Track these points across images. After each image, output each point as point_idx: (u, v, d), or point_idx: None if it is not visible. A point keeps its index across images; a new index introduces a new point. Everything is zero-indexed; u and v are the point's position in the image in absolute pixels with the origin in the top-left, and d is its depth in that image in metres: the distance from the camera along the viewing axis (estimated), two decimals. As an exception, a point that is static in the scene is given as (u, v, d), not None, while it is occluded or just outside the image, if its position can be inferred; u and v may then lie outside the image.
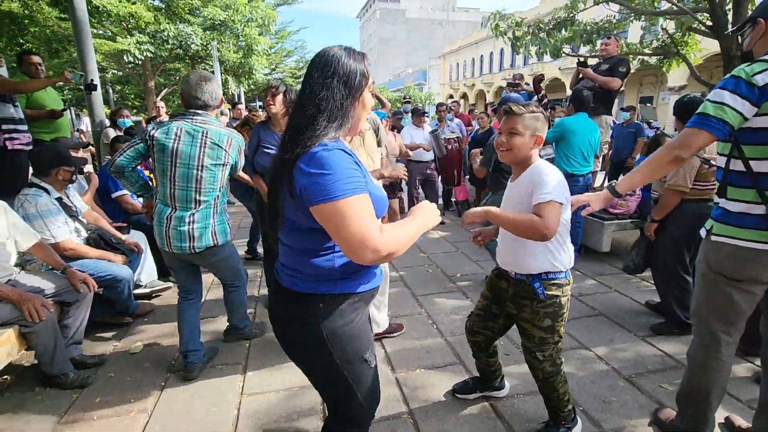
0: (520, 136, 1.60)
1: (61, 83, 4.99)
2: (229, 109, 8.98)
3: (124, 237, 2.98)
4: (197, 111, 2.08)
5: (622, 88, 4.77)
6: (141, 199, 3.62)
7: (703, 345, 1.66)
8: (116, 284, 2.66)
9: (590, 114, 3.90)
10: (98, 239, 2.76)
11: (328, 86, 1.07)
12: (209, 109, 2.13)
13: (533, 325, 1.70)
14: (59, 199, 2.55)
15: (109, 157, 3.51)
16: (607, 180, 6.80)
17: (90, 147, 5.86)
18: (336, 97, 1.07)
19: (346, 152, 1.06)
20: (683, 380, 1.75)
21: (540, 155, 1.72)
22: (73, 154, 3.14)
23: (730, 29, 5.00)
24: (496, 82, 33.76)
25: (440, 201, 6.41)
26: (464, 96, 39.01)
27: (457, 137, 5.90)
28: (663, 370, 2.34)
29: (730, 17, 5.09)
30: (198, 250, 2.11)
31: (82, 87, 3.94)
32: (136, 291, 3.25)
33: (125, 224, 3.21)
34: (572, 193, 1.69)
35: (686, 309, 2.67)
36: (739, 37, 4.67)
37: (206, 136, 2.05)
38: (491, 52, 35.89)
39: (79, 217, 2.72)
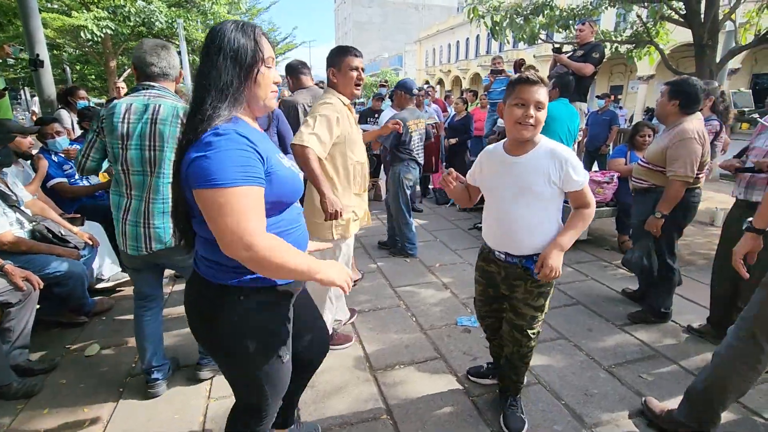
0: (544, 109, 1.50)
1: (11, 60, 4.53)
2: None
3: (76, 229, 2.72)
4: (152, 83, 1.81)
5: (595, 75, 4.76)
6: (86, 181, 3.34)
7: (739, 348, 1.56)
8: (66, 281, 2.42)
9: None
10: (45, 231, 2.50)
11: (214, 64, 1.03)
12: (166, 79, 1.85)
13: (526, 304, 1.69)
14: (-4, 188, 2.29)
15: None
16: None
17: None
18: (224, 75, 1.03)
19: (241, 135, 1.00)
20: (703, 377, 1.67)
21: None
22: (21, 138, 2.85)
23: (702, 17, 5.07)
24: (472, 69, 33.77)
25: (417, 188, 6.31)
26: (440, 82, 38.89)
27: (435, 123, 5.77)
28: (642, 360, 2.33)
29: (702, 7, 5.15)
30: (156, 250, 1.83)
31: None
32: (99, 285, 3.02)
33: (78, 215, 2.93)
34: None
35: (665, 299, 2.67)
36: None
37: (157, 112, 1.76)
38: (467, 38, 35.81)
39: (21, 207, 2.45)
